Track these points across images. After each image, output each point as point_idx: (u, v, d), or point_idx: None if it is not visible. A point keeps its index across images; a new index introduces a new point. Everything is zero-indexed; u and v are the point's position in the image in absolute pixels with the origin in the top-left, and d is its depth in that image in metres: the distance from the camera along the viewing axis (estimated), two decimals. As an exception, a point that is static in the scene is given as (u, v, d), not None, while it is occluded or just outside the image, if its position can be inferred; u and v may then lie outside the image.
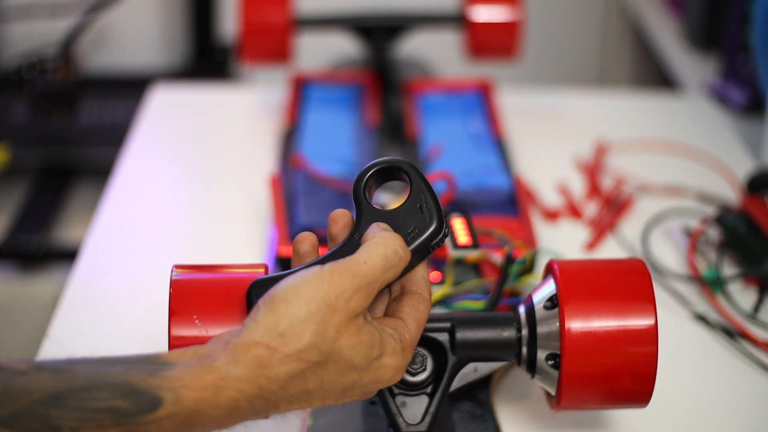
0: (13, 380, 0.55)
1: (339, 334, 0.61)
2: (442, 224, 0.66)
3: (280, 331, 0.60)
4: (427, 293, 0.67)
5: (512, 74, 1.81)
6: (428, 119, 1.21)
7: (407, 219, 0.66)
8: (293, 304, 0.60)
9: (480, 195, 1.03)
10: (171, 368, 0.58)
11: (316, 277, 0.61)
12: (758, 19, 1.19)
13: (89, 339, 0.88)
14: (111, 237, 1.04)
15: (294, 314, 0.60)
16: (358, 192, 0.67)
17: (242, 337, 0.60)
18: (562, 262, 0.72)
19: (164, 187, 1.15)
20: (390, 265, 0.63)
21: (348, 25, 1.27)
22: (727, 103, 1.37)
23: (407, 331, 0.65)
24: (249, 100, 1.33)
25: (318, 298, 0.60)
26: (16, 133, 1.76)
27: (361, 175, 0.67)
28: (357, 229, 0.66)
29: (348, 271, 0.61)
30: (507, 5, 1.25)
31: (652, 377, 0.69)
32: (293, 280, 0.61)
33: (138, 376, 0.57)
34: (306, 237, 0.68)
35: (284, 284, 0.61)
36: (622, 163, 1.18)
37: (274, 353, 0.59)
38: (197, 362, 0.59)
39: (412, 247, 0.65)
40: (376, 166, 0.68)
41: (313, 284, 0.61)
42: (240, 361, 0.59)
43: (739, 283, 0.96)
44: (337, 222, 0.67)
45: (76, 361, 0.58)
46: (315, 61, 1.58)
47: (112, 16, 1.98)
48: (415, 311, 0.66)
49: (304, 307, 0.60)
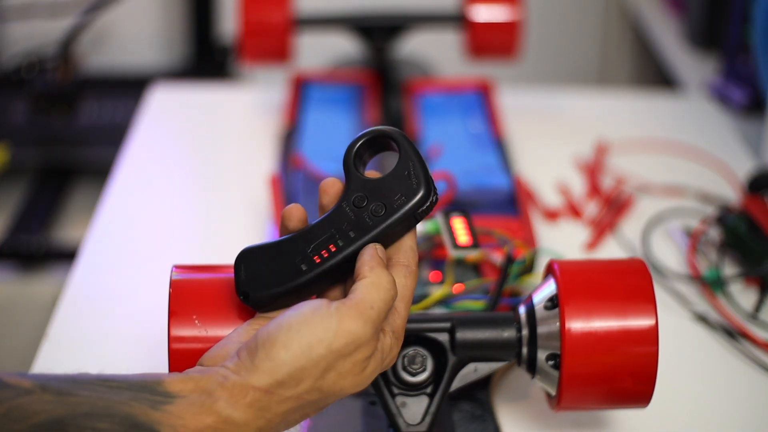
0: (17, 400, 0.55)
1: (342, 376, 0.60)
2: (430, 191, 0.65)
3: (279, 379, 0.59)
4: (414, 265, 0.65)
5: (512, 74, 1.80)
6: (428, 119, 1.21)
7: (394, 185, 0.65)
8: (293, 350, 0.59)
9: (480, 195, 1.03)
10: (172, 402, 0.57)
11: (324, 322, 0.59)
12: (758, 19, 1.19)
13: (89, 339, 0.88)
14: (111, 237, 1.04)
15: (294, 362, 0.59)
16: (348, 161, 0.67)
17: (241, 377, 0.59)
18: (563, 262, 0.72)
19: (164, 187, 1.15)
20: (390, 305, 0.62)
21: (348, 24, 1.27)
22: (727, 102, 1.37)
23: (398, 316, 0.64)
24: (249, 100, 1.33)
25: (324, 345, 0.59)
26: (16, 133, 1.76)
27: (350, 145, 0.67)
28: (345, 197, 0.66)
29: (359, 317, 0.60)
30: (507, 5, 1.25)
31: (652, 377, 0.69)
32: (295, 321, 0.60)
33: (140, 408, 0.56)
34: (294, 212, 0.67)
35: (286, 324, 0.60)
36: (622, 163, 1.18)
37: (273, 396, 0.59)
38: (198, 398, 0.58)
39: (399, 213, 0.65)
40: (366, 135, 0.67)
41: (318, 330, 0.59)
42: (238, 404, 0.58)
43: (739, 283, 0.96)
44: (328, 192, 0.67)
45: (80, 382, 0.57)
46: (315, 61, 1.58)
47: (111, 16, 1.98)
48: (403, 288, 0.64)
49: (305, 354, 0.59)
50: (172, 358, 0.66)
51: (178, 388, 0.58)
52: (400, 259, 0.65)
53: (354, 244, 0.64)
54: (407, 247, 0.66)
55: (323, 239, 0.65)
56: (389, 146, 0.68)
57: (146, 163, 1.19)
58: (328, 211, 0.67)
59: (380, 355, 0.62)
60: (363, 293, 0.61)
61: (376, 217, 0.65)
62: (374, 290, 0.61)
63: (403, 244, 0.66)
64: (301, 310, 0.60)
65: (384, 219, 0.65)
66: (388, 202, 0.65)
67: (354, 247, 0.64)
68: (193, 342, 0.66)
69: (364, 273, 0.62)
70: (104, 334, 0.89)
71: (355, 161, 0.67)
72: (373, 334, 0.60)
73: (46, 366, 0.84)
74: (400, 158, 0.66)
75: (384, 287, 0.62)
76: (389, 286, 0.62)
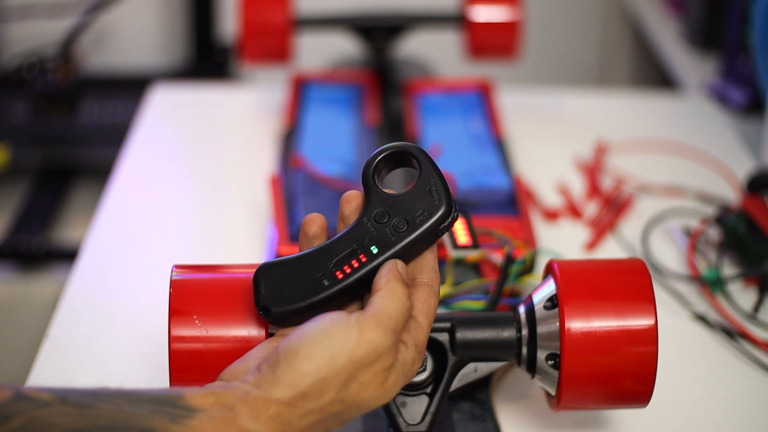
0: (36, 412, 0.54)
1: (364, 387, 0.60)
2: (451, 207, 0.66)
3: (302, 391, 0.58)
4: (437, 284, 0.66)
5: (512, 74, 1.81)
6: (428, 119, 1.21)
7: (416, 202, 0.66)
8: (316, 361, 0.59)
9: (480, 195, 1.03)
10: (193, 416, 0.57)
11: (344, 333, 0.60)
12: (758, 19, 1.19)
13: (89, 339, 0.88)
14: (111, 237, 1.04)
15: (316, 373, 0.59)
16: (367, 176, 0.67)
17: (262, 390, 0.59)
18: (562, 262, 0.72)
19: (164, 187, 1.15)
20: (406, 316, 0.62)
21: (348, 25, 1.27)
22: (727, 103, 1.37)
23: (421, 331, 0.64)
24: (249, 100, 1.33)
25: (345, 355, 0.59)
26: (16, 133, 1.76)
27: (370, 160, 0.67)
28: (366, 212, 0.66)
29: (379, 326, 0.60)
30: (507, 5, 1.25)
31: (652, 377, 0.69)
32: (316, 333, 0.60)
33: (160, 421, 0.56)
34: (315, 218, 0.67)
35: (307, 336, 0.60)
36: (622, 163, 1.18)
37: (296, 409, 0.58)
38: (219, 413, 0.58)
39: (421, 229, 0.65)
40: (386, 150, 0.68)
41: (339, 340, 0.59)
42: (261, 417, 0.58)
43: (739, 283, 0.96)
44: (350, 203, 0.67)
45: (101, 395, 0.57)
46: (315, 61, 1.58)
47: (112, 16, 1.98)
48: (427, 306, 0.65)
49: (327, 365, 0.59)
50: (172, 358, 0.66)
51: (199, 402, 0.58)
52: (424, 279, 0.66)
53: (376, 259, 0.65)
54: (430, 267, 0.66)
55: (345, 254, 0.65)
56: (408, 162, 0.68)
57: (146, 163, 1.19)
58: (349, 223, 0.67)
59: (402, 368, 0.62)
60: (380, 304, 0.62)
61: (398, 233, 0.65)
62: (390, 301, 0.62)
63: (425, 265, 0.66)
64: (321, 322, 0.60)
65: (406, 235, 0.65)
66: (410, 218, 0.65)
67: (376, 262, 0.65)
68: (194, 342, 0.66)
69: (380, 285, 0.63)
70: (104, 333, 0.89)
71: (374, 176, 0.67)
72: (392, 343, 0.61)
73: (46, 366, 0.85)
74: (421, 175, 0.67)
75: (399, 299, 0.62)
76: (404, 298, 0.62)
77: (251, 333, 0.66)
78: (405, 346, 0.63)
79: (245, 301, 0.66)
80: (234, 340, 0.66)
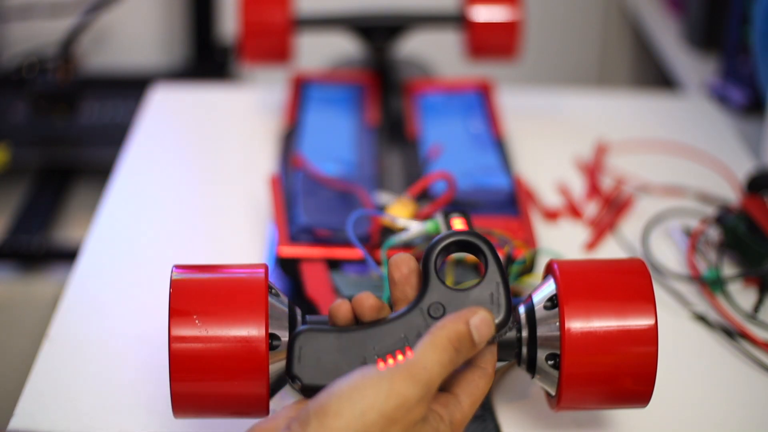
0: None
1: None
2: (509, 318, 0.65)
3: None
4: (492, 369, 0.65)
5: (512, 74, 1.81)
6: (428, 119, 1.21)
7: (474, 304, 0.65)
8: (346, 418, 0.58)
9: (480, 195, 1.03)
10: None
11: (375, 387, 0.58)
12: (758, 19, 1.19)
13: (90, 339, 0.88)
14: (111, 237, 1.04)
15: (346, 430, 0.57)
16: (429, 262, 0.65)
17: None
18: (562, 262, 0.72)
19: (164, 187, 1.15)
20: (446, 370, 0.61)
21: (348, 25, 1.27)
22: (727, 103, 1.37)
23: (459, 410, 0.63)
24: (249, 100, 1.34)
25: (375, 410, 0.58)
26: (16, 133, 1.76)
27: (434, 244, 0.65)
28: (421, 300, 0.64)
29: (410, 378, 0.59)
30: (507, 5, 1.25)
31: (652, 377, 0.69)
32: (347, 389, 0.59)
33: None
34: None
35: (337, 392, 0.59)
36: (622, 163, 1.18)
37: None
38: None
39: None
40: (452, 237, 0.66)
41: (369, 395, 0.58)
42: None
43: (739, 283, 0.96)
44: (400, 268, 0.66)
45: None
46: (315, 61, 1.58)
47: (112, 16, 1.98)
48: (473, 387, 0.64)
49: (357, 421, 0.58)
50: (172, 358, 0.66)
51: None
52: (479, 363, 0.66)
53: None
54: (488, 352, 0.66)
55: (391, 343, 0.64)
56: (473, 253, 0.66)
57: (147, 163, 1.19)
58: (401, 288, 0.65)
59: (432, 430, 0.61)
60: (418, 355, 0.61)
61: None
62: (430, 350, 0.61)
63: (485, 350, 0.66)
64: (352, 377, 0.60)
65: None
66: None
67: None
68: (194, 342, 0.66)
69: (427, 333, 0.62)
70: (105, 334, 0.89)
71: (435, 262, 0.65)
72: (423, 395, 0.59)
73: (47, 366, 0.85)
74: (487, 276, 0.65)
75: (441, 347, 0.61)
76: (449, 347, 0.61)
77: (251, 333, 0.66)
78: (440, 419, 0.61)
79: (245, 301, 0.66)
80: (234, 340, 0.66)
